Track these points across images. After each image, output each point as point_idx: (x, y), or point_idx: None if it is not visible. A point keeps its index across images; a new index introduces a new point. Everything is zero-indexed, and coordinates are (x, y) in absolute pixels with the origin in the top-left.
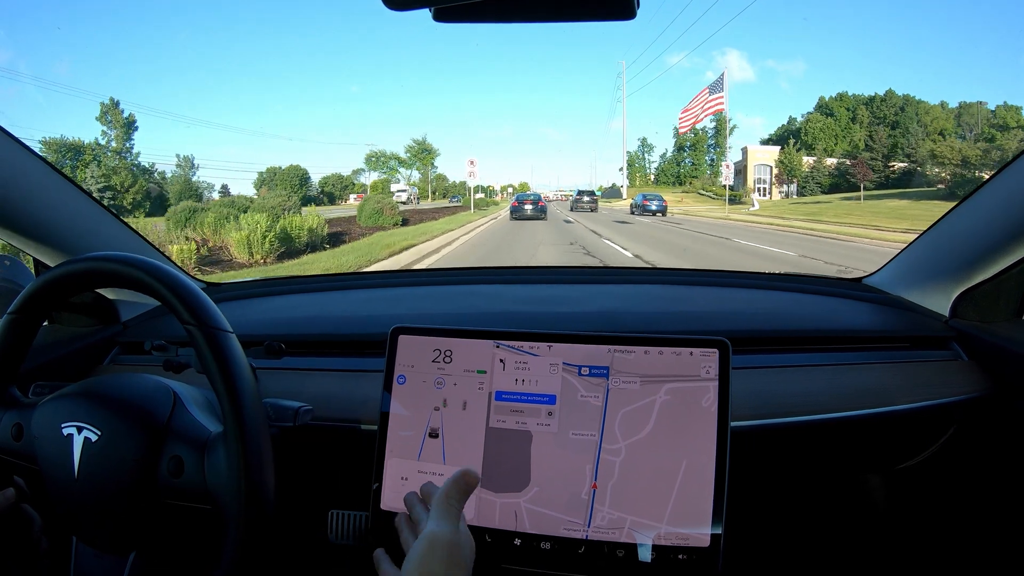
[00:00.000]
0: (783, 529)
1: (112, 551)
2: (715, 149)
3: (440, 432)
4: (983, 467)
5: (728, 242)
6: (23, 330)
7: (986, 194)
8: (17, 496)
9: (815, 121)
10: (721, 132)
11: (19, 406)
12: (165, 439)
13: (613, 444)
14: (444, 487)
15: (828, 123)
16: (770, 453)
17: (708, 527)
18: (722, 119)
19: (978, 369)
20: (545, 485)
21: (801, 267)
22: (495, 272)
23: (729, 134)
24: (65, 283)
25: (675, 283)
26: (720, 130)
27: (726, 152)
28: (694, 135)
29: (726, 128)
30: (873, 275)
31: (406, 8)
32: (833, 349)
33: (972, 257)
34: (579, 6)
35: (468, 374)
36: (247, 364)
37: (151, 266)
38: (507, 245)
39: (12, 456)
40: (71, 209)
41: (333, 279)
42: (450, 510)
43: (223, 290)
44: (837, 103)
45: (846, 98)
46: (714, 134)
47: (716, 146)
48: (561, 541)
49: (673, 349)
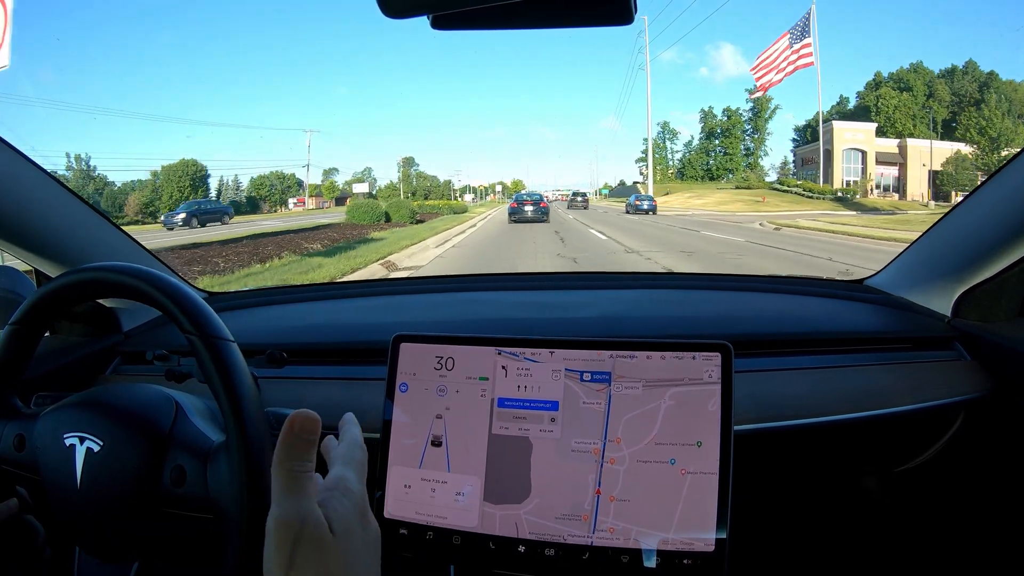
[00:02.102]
0: (787, 532)
1: (114, 560)
2: (753, 135)
3: (443, 440)
4: (986, 467)
5: None
6: (25, 341)
7: (987, 193)
8: (20, 507)
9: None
10: (760, 115)
11: (21, 417)
12: (167, 448)
13: (617, 453)
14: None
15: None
16: (773, 456)
17: (713, 532)
18: (763, 99)
19: (981, 369)
20: (546, 495)
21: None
22: (495, 279)
23: (769, 117)
24: (67, 294)
25: (676, 287)
26: (759, 112)
27: (765, 139)
28: (727, 118)
29: (766, 108)
30: (875, 276)
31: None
32: (836, 351)
33: (974, 257)
34: (577, 12)
35: (470, 381)
36: (248, 373)
37: (152, 276)
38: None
39: (14, 467)
40: (71, 219)
41: (334, 288)
42: (290, 481)
43: (225, 299)
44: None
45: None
46: (751, 117)
47: (755, 131)
48: (565, 548)
49: (675, 353)
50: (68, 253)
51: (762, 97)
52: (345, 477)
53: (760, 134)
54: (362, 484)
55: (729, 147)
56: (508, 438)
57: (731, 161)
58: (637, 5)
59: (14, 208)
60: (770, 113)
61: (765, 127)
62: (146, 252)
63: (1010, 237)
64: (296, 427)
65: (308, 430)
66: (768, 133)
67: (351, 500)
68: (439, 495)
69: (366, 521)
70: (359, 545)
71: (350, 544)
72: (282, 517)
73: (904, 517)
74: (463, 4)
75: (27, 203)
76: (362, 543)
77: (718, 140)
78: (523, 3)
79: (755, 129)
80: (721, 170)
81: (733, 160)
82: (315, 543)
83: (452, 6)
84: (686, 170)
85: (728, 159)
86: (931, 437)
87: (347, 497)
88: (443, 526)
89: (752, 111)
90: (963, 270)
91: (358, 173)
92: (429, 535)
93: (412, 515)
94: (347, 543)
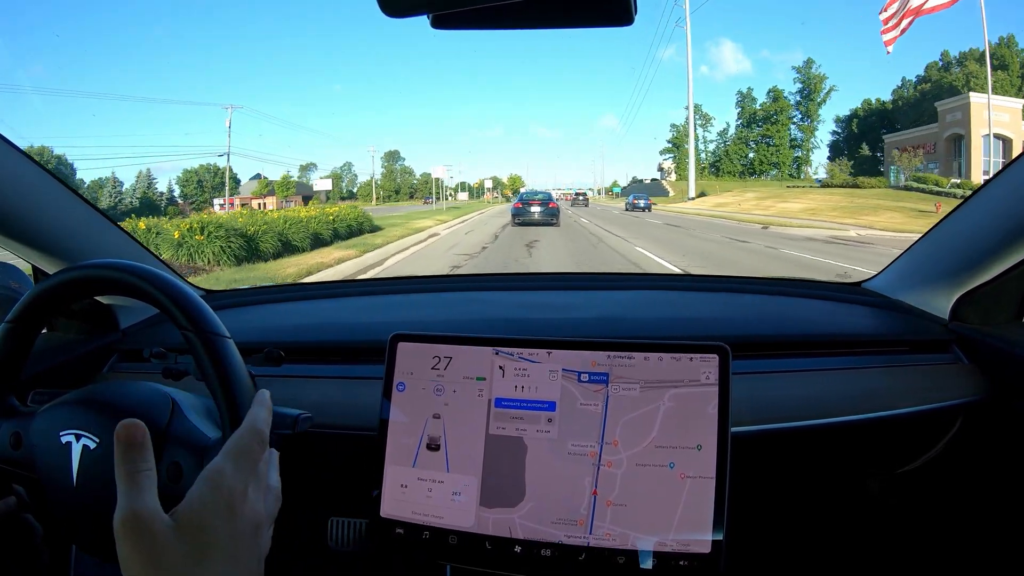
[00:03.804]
0: (784, 534)
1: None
2: (803, 123)
3: (440, 439)
4: (984, 470)
5: None
6: (21, 339)
7: (985, 196)
8: (18, 506)
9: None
10: (812, 97)
11: (17, 415)
12: (163, 445)
13: (614, 456)
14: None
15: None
16: (770, 458)
17: (710, 533)
18: (816, 78)
19: (978, 372)
20: (542, 499)
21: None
22: (494, 278)
23: (823, 101)
24: (63, 291)
25: (674, 289)
26: (811, 93)
27: (817, 127)
28: (772, 100)
29: (819, 90)
30: (873, 279)
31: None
32: (833, 353)
33: (972, 259)
34: (578, 12)
35: (468, 381)
36: (246, 370)
37: (149, 273)
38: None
39: (11, 465)
40: (68, 215)
41: (332, 286)
42: (127, 479)
43: (222, 297)
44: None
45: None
46: (801, 99)
47: (805, 117)
48: (561, 548)
49: (673, 355)
50: (66, 250)
51: (812, 76)
52: (220, 469)
53: (812, 120)
54: (241, 474)
55: (776, 136)
56: (505, 438)
57: (777, 154)
58: (637, 5)
59: (12, 205)
60: (824, 95)
61: (818, 112)
62: (145, 250)
63: (1008, 240)
64: (122, 437)
65: (133, 435)
66: (819, 120)
67: (217, 493)
68: (436, 495)
69: (232, 513)
70: (222, 538)
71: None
72: (119, 514)
73: (901, 520)
74: (463, 3)
75: (25, 200)
76: (227, 536)
77: (760, 128)
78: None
79: (805, 115)
80: (765, 164)
81: (780, 152)
82: (147, 534)
83: (452, 5)
84: (722, 164)
85: (774, 151)
86: (929, 440)
87: (212, 488)
88: (439, 526)
89: (802, 93)
90: (961, 273)
91: (336, 169)
92: (425, 535)
93: (408, 515)
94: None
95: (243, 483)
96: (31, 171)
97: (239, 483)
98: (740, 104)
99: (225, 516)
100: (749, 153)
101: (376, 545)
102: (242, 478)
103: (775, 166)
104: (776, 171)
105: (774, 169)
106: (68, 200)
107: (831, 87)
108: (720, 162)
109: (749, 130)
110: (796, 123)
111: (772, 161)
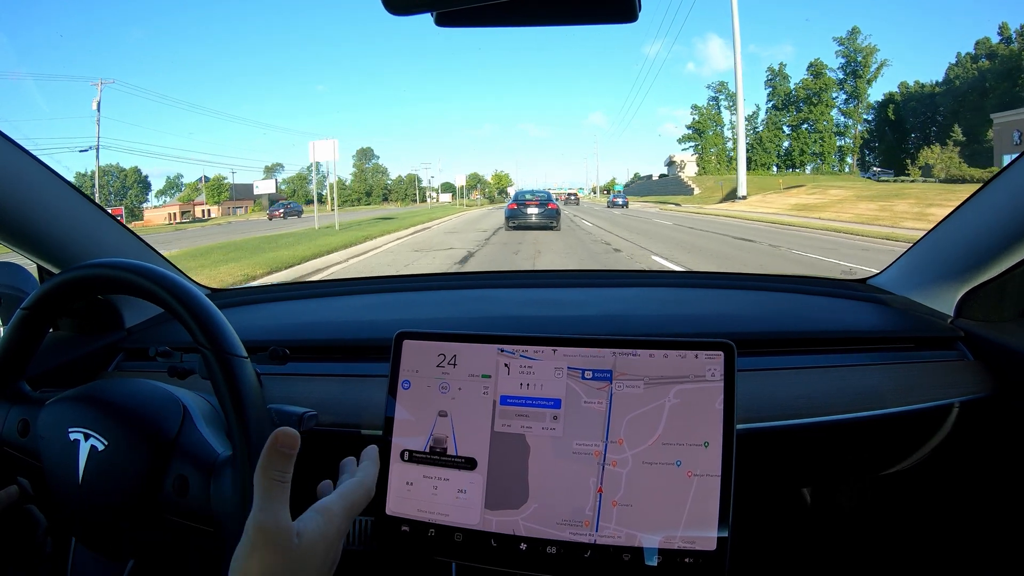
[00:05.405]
0: (789, 531)
1: (111, 557)
2: (852, 103)
3: (445, 437)
4: (987, 466)
5: None
6: (33, 328)
7: (990, 193)
8: (22, 497)
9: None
10: (861, 74)
11: (27, 402)
12: (172, 456)
13: (619, 455)
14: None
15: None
16: (776, 455)
17: (715, 530)
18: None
19: (983, 369)
20: (547, 499)
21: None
22: (498, 276)
23: (873, 78)
24: (78, 286)
25: (679, 286)
26: (859, 70)
27: (865, 106)
28: (813, 78)
29: (869, 64)
30: (878, 276)
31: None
32: (838, 351)
33: (977, 256)
34: (581, 9)
35: (473, 379)
36: (259, 391)
37: (167, 280)
38: None
39: (16, 451)
40: (73, 215)
41: (337, 284)
42: (271, 488)
43: (227, 296)
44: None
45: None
46: (846, 75)
47: (853, 98)
48: (567, 546)
49: (678, 352)
50: (72, 250)
51: (859, 47)
52: (332, 507)
53: (860, 101)
54: (345, 520)
55: (818, 120)
56: (510, 436)
57: (821, 142)
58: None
59: (18, 204)
60: (874, 72)
61: (866, 92)
62: (151, 249)
63: (1013, 237)
64: (279, 442)
65: (288, 445)
66: (868, 101)
67: (327, 527)
68: (441, 492)
69: (330, 548)
70: (317, 565)
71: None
72: (262, 522)
73: (905, 515)
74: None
75: (31, 199)
76: (321, 564)
77: (801, 111)
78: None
79: (852, 95)
80: (805, 155)
81: (825, 140)
82: (280, 548)
83: (457, 3)
84: (754, 154)
85: (816, 138)
86: (933, 436)
87: (326, 523)
88: (445, 523)
89: (846, 69)
90: (966, 270)
91: (302, 170)
92: (431, 532)
93: (414, 512)
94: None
95: (346, 527)
96: (37, 171)
97: (344, 526)
98: (771, 83)
99: (325, 550)
100: (784, 141)
101: (381, 542)
102: (347, 524)
103: (818, 157)
104: (821, 162)
105: (816, 160)
106: (72, 198)
107: (883, 61)
108: (752, 151)
109: (783, 114)
110: (838, 107)
111: (816, 151)
